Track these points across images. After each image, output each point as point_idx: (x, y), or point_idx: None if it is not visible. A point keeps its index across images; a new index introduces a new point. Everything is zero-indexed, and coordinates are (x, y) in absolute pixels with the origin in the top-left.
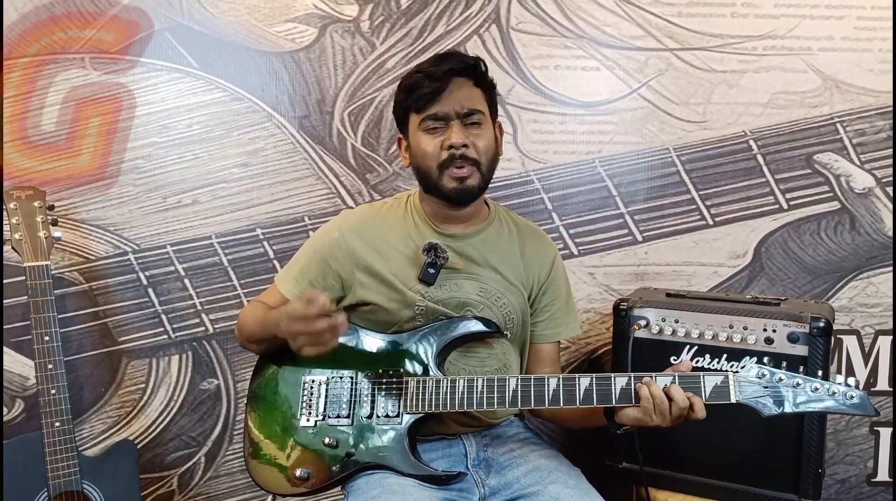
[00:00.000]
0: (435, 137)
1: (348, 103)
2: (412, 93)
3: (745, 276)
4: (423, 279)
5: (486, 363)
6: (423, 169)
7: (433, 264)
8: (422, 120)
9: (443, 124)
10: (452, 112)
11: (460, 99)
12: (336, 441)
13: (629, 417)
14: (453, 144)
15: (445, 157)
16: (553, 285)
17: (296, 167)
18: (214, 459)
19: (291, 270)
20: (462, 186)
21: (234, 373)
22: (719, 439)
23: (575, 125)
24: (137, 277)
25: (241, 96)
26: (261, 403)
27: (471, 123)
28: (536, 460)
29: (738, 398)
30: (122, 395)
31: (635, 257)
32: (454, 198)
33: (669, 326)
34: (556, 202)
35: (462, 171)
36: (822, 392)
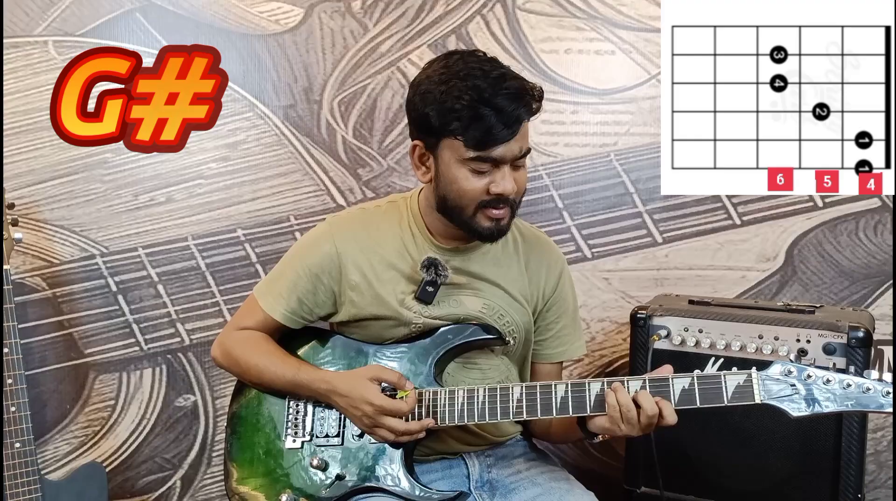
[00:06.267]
0: (481, 178)
1: (338, 91)
2: (473, 126)
3: (775, 281)
4: (421, 298)
5: (487, 375)
6: (454, 204)
7: (432, 282)
8: (471, 158)
9: (491, 166)
10: (509, 156)
11: (520, 142)
12: (325, 463)
13: (598, 426)
14: (503, 194)
15: (487, 199)
16: (559, 302)
17: (280, 162)
18: (191, 483)
19: (276, 284)
20: (498, 226)
21: (213, 389)
22: (748, 461)
23: (588, 115)
24: (106, 282)
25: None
26: (242, 423)
27: (519, 164)
28: (546, 482)
29: (763, 398)
30: (88, 413)
31: (655, 260)
32: (487, 237)
33: (692, 336)
34: (568, 200)
35: (500, 212)
36: (854, 389)
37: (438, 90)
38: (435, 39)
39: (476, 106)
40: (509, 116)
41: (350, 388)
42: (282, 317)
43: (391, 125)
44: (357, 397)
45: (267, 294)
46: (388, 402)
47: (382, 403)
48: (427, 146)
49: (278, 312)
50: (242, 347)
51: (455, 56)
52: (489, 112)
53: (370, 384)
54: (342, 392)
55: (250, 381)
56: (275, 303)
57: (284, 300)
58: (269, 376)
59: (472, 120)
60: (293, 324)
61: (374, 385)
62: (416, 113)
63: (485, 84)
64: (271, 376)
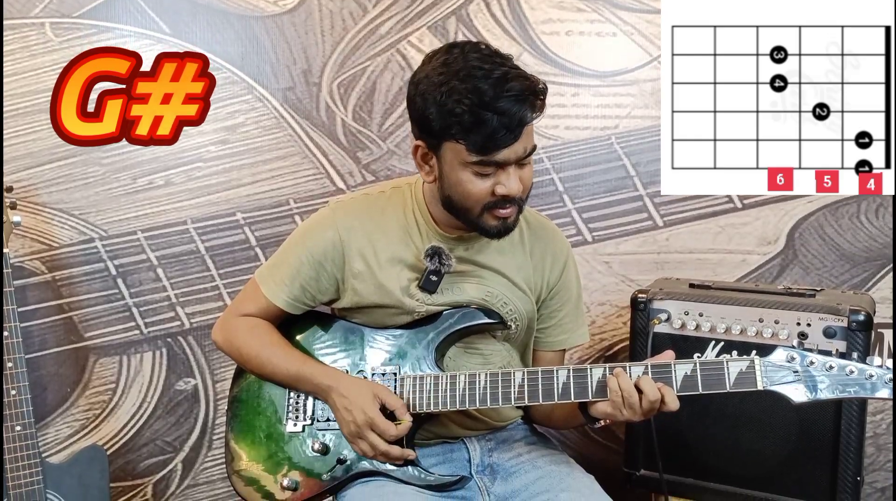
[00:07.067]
0: (485, 180)
1: (337, 73)
2: (474, 130)
3: (776, 264)
4: (424, 287)
5: (489, 360)
6: (460, 205)
7: (436, 271)
8: (475, 162)
9: (496, 168)
10: (513, 158)
11: (524, 142)
12: (326, 447)
13: (600, 411)
14: (508, 195)
15: (493, 201)
16: (563, 290)
17: (279, 145)
18: (192, 466)
19: (278, 271)
20: (505, 225)
21: (213, 372)
22: (746, 444)
23: (589, 98)
24: (105, 266)
25: (219, 66)
26: (243, 407)
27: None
28: (546, 466)
29: (766, 384)
30: (89, 396)
31: (655, 243)
32: (494, 235)
33: (693, 320)
34: (568, 184)
35: (506, 211)
36: (856, 376)
37: (438, 92)
38: (435, 21)
39: (477, 111)
40: (512, 119)
41: (352, 393)
42: (284, 304)
43: (391, 108)
44: (355, 402)
45: (269, 280)
46: (381, 419)
47: (375, 417)
48: (429, 147)
49: (281, 299)
50: (245, 336)
51: (455, 51)
52: (491, 117)
53: (373, 399)
54: (343, 393)
55: (251, 371)
56: (277, 290)
57: (287, 288)
58: (271, 368)
59: (474, 125)
60: (295, 311)
61: (376, 401)
62: (417, 113)
63: (486, 86)
64: (273, 368)
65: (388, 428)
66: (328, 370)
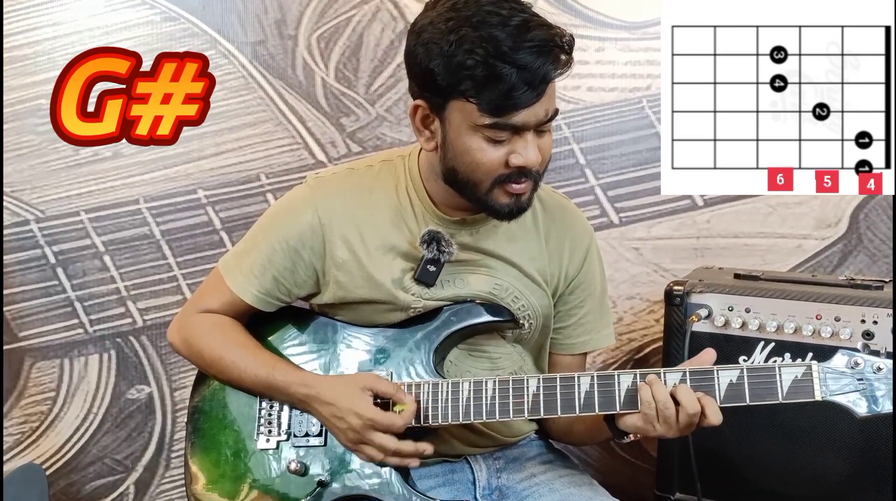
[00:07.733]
0: (498, 148)
1: (317, 24)
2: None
3: (837, 251)
4: (421, 279)
5: (498, 364)
6: (466, 178)
7: (435, 260)
8: (487, 125)
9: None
10: (533, 122)
11: (546, 104)
12: (305, 466)
13: (629, 424)
14: (525, 167)
15: (506, 173)
16: (584, 283)
17: (249, 110)
18: (147, 488)
19: (246, 259)
20: (518, 203)
21: (171, 378)
22: (799, 461)
23: (616, 53)
24: (43, 253)
25: (176, 15)
26: (205, 419)
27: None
28: (565, 488)
29: (825, 394)
30: (24, 407)
31: (694, 226)
32: (505, 215)
33: (738, 317)
34: (591, 155)
35: (521, 187)
36: None
37: (446, 41)
38: None
39: (493, 63)
40: (534, 74)
41: (336, 396)
42: (253, 299)
43: (380, 66)
44: (344, 407)
45: (236, 271)
46: (381, 415)
47: (374, 416)
48: (432, 108)
49: (249, 293)
50: (207, 337)
51: None
52: (509, 70)
53: (362, 394)
54: (326, 400)
55: (215, 376)
56: (245, 283)
57: (257, 280)
58: (238, 373)
59: (489, 80)
60: (267, 307)
61: (366, 395)
62: (418, 67)
63: (503, 35)
64: (240, 373)
65: (393, 421)
66: (304, 376)
